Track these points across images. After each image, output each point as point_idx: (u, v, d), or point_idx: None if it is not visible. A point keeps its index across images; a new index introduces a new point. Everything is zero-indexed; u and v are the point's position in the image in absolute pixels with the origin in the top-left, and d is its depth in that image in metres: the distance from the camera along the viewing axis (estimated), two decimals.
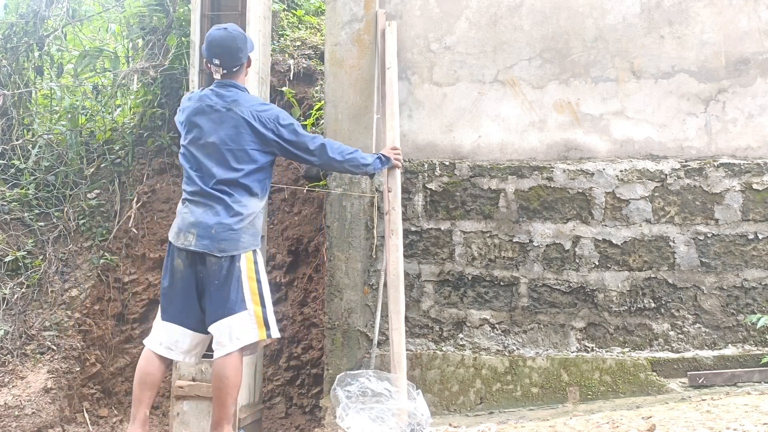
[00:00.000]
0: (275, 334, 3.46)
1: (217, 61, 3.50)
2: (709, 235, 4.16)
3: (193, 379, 4.11)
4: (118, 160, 5.60)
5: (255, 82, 4.38)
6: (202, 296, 3.40)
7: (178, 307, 3.42)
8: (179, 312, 3.42)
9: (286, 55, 5.69)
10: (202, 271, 3.38)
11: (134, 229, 5.37)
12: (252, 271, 3.42)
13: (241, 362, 3.40)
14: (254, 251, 3.47)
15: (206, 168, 3.46)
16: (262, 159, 3.52)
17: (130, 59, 6.12)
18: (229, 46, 3.50)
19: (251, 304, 3.38)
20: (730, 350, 4.06)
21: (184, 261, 3.41)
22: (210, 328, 3.38)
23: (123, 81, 5.84)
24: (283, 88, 5.45)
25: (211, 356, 4.10)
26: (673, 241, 4.17)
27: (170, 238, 3.49)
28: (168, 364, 3.54)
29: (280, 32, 5.89)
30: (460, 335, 4.24)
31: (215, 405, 3.36)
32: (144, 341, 3.54)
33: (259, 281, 3.44)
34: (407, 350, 4.20)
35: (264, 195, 3.59)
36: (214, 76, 3.57)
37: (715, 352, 4.04)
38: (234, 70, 3.55)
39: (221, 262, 3.35)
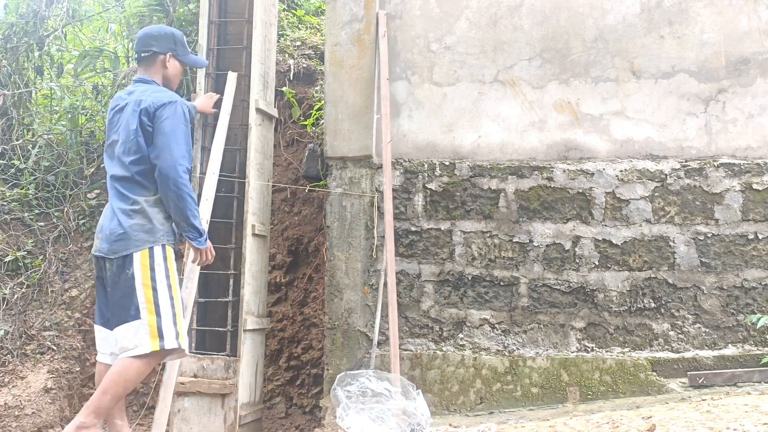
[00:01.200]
0: (170, 344, 3.16)
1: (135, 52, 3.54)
2: (709, 235, 4.16)
3: (195, 376, 4.12)
4: None
5: (259, 85, 4.41)
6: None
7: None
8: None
9: (286, 55, 5.69)
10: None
11: None
12: (147, 277, 3.19)
13: (139, 370, 3.16)
14: (151, 249, 3.21)
15: (107, 167, 3.40)
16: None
17: (130, 59, 6.12)
18: (143, 34, 3.54)
19: (145, 313, 3.15)
20: (730, 350, 4.05)
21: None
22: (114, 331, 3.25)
23: (123, 81, 5.84)
24: (283, 88, 5.45)
25: (212, 352, 4.12)
26: (673, 241, 4.17)
27: None
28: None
29: (280, 32, 5.89)
30: (460, 335, 4.24)
31: (101, 391, 3.14)
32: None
33: (154, 288, 3.19)
34: (407, 350, 4.20)
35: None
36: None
37: (715, 352, 4.04)
38: (143, 55, 3.50)
39: (112, 264, 3.22)
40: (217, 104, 4.29)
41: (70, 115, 5.84)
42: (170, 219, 3.31)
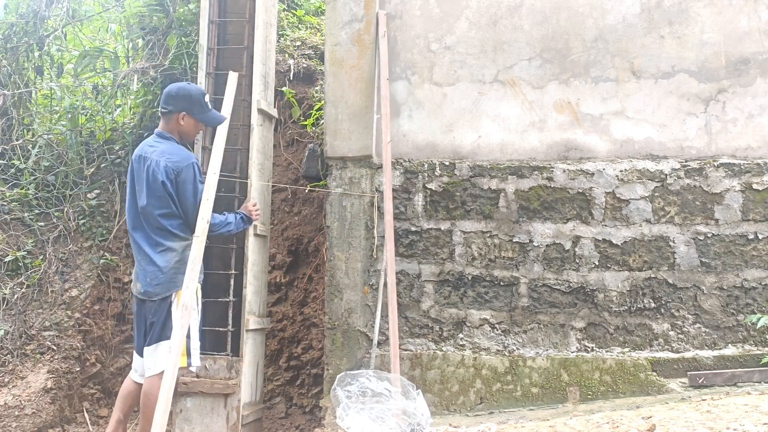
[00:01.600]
0: (197, 361, 3.74)
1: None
2: (709, 235, 4.16)
3: (197, 376, 4.12)
4: (118, 160, 5.60)
5: (260, 86, 4.41)
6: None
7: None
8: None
9: (286, 55, 5.69)
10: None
11: None
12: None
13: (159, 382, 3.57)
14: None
15: (134, 217, 3.91)
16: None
17: (130, 59, 6.12)
18: (166, 92, 3.92)
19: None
20: (730, 350, 4.06)
21: None
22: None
23: (123, 81, 5.84)
24: (283, 88, 5.45)
25: (213, 352, 4.16)
26: (673, 241, 4.17)
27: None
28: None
29: (280, 32, 5.89)
30: (460, 335, 4.24)
31: (143, 418, 3.64)
32: None
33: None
34: (407, 350, 4.20)
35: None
36: None
37: (715, 352, 4.04)
38: (162, 111, 3.89)
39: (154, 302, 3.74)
40: (218, 104, 4.29)
41: (70, 115, 5.84)
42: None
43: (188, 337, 3.66)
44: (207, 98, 3.96)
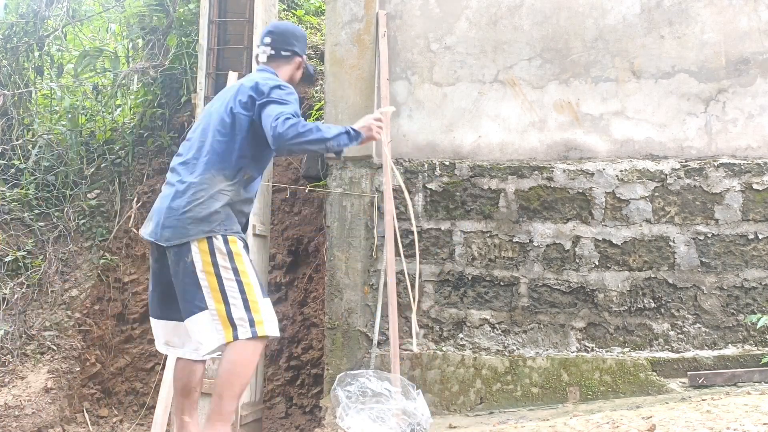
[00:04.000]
0: (245, 334, 2.80)
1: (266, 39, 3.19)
2: (709, 235, 4.16)
3: None
4: (118, 160, 5.61)
5: None
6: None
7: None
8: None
9: None
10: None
11: (134, 229, 5.37)
12: (208, 264, 2.85)
13: (254, 350, 2.84)
14: (210, 239, 2.85)
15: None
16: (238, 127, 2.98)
17: (130, 59, 6.13)
18: (285, 29, 3.27)
19: (212, 302, 2.83)
20: (730, 350, 4.06)
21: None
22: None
23: (123, 81, 5.84)
24: None
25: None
26: (673, 241, 4.17)
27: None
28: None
29: None
30: (460, 335, 4.24)
31: (213, 399, 2.83)
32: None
33: (218, 275, 2.84)
34: (407, 350, 4.20)
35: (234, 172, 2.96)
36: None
37: (715, 352, 4.04)
38: (283, 54, 3.18)
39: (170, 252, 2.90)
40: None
41: (70, 115, 5.84)
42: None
43: (225, 302, 2.83)
44: None
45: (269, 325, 2.91)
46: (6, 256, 5.17)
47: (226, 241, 2.89)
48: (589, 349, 4.15)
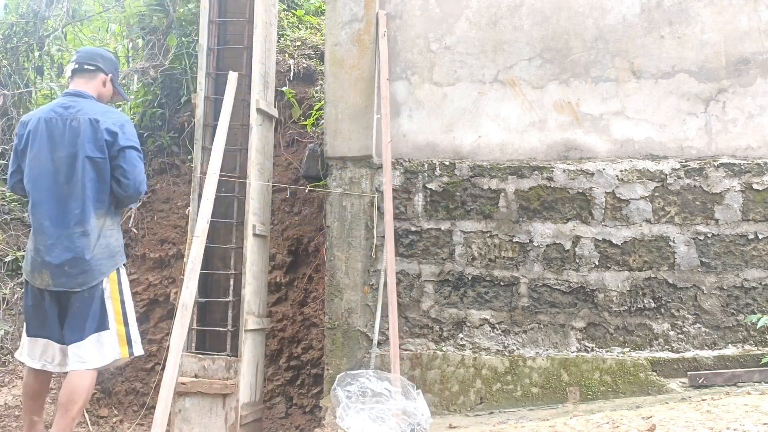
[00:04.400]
0: (138, 351, 3.66)
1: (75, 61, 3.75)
2: (709, 235, 4.16)
3: (196, 376, 4.12)
4: None
5: (260, 85, 4.41)
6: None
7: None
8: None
9: (286, 55, 5.69)
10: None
11: (134, 229, 5.38)
12: (116, 291, 3.61)
13: (95, 375, 3.57)
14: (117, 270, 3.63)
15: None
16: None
17: (130, 59, 6.13)
18: (90, 49, 3.94)
19: (113, 323, 3.57)
20: (730, 350, 4.06)
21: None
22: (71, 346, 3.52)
23: (123, 81, 5.84)
24: (283, 88, 5.45)
25: (212, 352, 4.13)
26: (673, 241, 4.17)
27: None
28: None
29: (280, 32, 5.89)
30: (460, 335, 4.24)
31: (66, 416, 3.44)
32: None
33: (122, 301, 3.63)
34: (407, 350, 4.20)
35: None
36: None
37: (715, 352, 4.04)
38: (86, 68, 3.70)
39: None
40: (218, 104, 4.29)
41: None
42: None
43: (127, 324, 3.59)
44: None
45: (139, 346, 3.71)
46: (6, 256, 5.17)
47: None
48: (589, 349, 4.15)
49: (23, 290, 3.72)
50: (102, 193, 3.53)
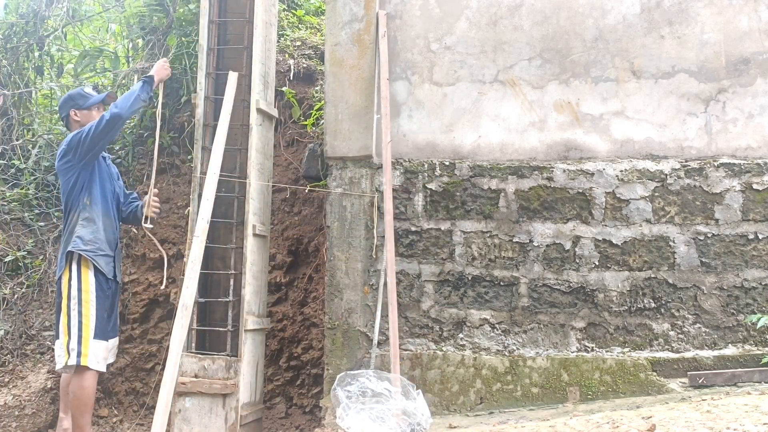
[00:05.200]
0: (72, 361, 3.85)
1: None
2: (709, 235, 4.16)
3: (196, 376, 4.12)
4: (118, 160, 5.60)
5: (259, 85, 4.41)
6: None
7: None
8: None
9: (286, 55, 5.69)
10: None
11: (134, 229, 5.37)
12: (66, 288, 3.94)
13: (84, 381, 3.88)
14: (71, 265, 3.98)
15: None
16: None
17: (130, 59, 6.13)
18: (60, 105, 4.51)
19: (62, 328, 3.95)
20: (730, 350, 4.06)
21: None
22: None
23: (123, 81, 5.84)
24: (283, 88, 5.45)
25: (212, 352, 4.15)
26: (673, 241, 4.17)
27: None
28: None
29: (280, 32, 5.89)
30: (460, 335, 4.24)
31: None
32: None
33: (69, 297, 3.91)
34: (407, 350, 4.20)
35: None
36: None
37: (715, 352, 4.04)
38: (63, 121, 4.47)
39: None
40: (218, 104, 4.29)
41: None
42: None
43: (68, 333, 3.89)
44: (86, 89, 4.49)
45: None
46: (6, 256, 5.17)
47: None
48: (589, 349, 4.15)
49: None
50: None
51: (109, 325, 4.04)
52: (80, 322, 3.84)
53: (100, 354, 3.93)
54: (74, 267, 3.91)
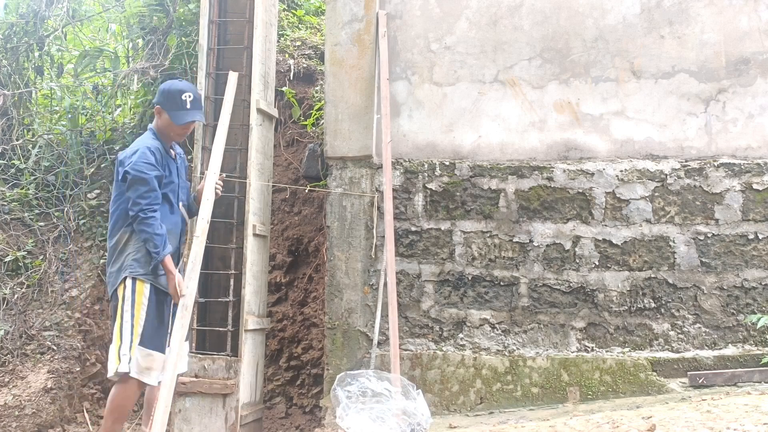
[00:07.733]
0: (123, 368, 3.40)
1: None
2: (709, 235, 4.16)
3: (196, 376, 4.12)
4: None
5: (260, 85, 4.41)
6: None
7: None
8: None
9: (286, 55, 5.69)
10: None
11: None
12: (121, 300, 3.49)
13: (125, 389, 3.46)
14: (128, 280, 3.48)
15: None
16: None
17: (130, 59, 6.13)
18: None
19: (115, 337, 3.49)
20: (730, 350, 4.06)
21: None
22: None
23: (123, 81, 5.84)
24: (283, 88, 5.45)
25: (212, 352, 4.14)
26: (673, 241, 4.17)
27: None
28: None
29: (280, 32, 5.89)
30: (460, 335, 4.24)
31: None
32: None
33: (123, 311, 3.47)
34: (407, 350, 4.20)
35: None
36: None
37: (715, 352, 4.04)
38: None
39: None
40: (218, 104, 4.29)
41: (70, 115, 5.84)
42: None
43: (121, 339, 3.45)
44: (187, 96, 3.65)
45: None
46: (6, 256, 5.16)
47: None
48: (589, 349, 4.15)
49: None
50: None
51: (160, 335, 3.54)
52: (132, 326, 3.44)
53: (143, 363, 3.43)
54: (129, 281, 3.51)
